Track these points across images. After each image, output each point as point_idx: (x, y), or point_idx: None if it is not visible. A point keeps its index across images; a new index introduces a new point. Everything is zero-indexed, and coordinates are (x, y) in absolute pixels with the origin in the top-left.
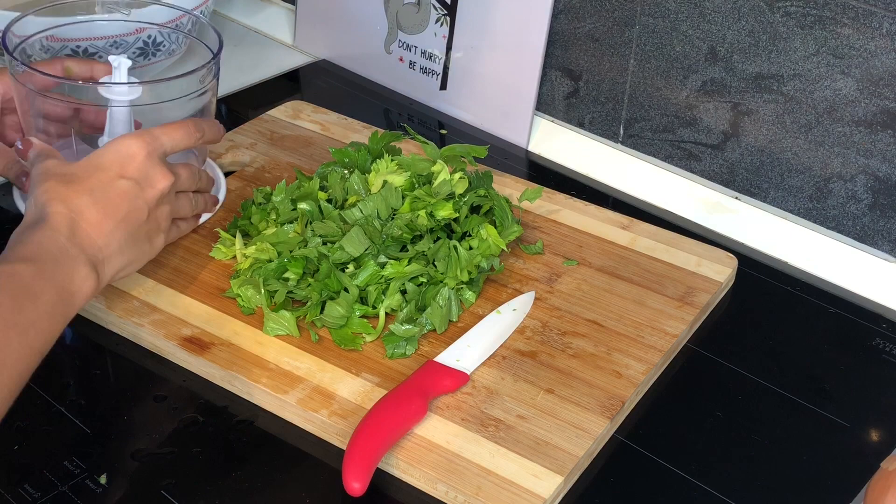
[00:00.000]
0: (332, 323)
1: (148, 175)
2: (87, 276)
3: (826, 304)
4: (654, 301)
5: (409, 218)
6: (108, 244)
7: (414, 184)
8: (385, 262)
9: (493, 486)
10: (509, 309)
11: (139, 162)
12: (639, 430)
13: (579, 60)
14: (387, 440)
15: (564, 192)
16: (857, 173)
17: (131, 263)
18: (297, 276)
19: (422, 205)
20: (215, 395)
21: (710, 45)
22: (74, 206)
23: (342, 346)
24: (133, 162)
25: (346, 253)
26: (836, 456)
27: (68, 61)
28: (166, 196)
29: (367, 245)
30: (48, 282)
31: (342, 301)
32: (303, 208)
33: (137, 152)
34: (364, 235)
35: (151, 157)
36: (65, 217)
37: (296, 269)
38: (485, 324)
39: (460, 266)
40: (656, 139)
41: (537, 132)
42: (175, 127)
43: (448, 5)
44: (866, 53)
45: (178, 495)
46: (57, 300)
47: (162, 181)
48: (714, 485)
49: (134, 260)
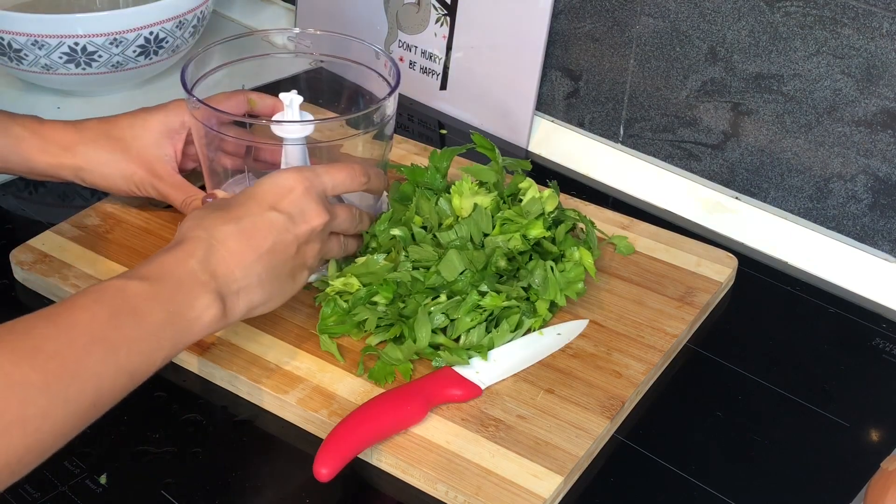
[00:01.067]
0: (385, 359)
1: (303, 210)
2: (210, 305)
3: (826, 304)
4: (654, 301)
5: (503, 244)
6: (247, 276)
7: (498, 203)
8: (486, 291)
9: (493, 486)
10: (553, 332)
11: (295, 196)
12: (639, 430)
13: (579, 60)
14: (371, 435)
15: (564, 192)
16: (857, 173)
17: (271, 300)
18: (387, 301)
19: (514, 227)
20: (215, 395)
21: (710, 45)
22: (216, 233)
23: (371, 378)
24: (289, 195)
25: (441, 277)
26: (836, 456)
27: (251, 94)
28: (318, 234)
29: (462, 269)
30: (160, 303)
31: (405, 348)
32: (397, 234)
33: (295, 186)
34: (459, 260)
35: (309, 192)
36: (202, 242)
37: (386, 294)
38: (520, 342)
39: (559, 288)
40: (656, 139)
41: (537, 132)
42: (340, 168)
43: (448, 5)
44: (866, 53)
45: (178, 495)
46: (166, 323)
47: (316, 219)
48: (714, 485)
49: (274, 296)
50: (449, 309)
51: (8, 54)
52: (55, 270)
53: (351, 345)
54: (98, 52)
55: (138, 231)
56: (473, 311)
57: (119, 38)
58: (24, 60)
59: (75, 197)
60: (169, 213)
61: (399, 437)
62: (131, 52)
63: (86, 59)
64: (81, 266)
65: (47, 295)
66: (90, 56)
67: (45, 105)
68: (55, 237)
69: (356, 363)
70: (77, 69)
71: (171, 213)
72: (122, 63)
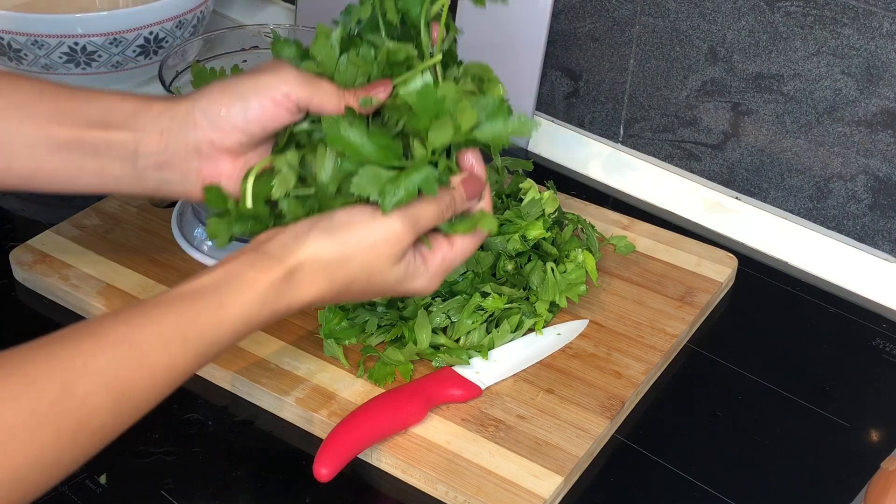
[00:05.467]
0: (385, 360)
1: (411, 275)
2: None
3: (826, 304)
4: (654, 301)
5: (501, 244)
6: (321, 300)
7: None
8: (488, 293)
9: (493, 486)
10: (553, 332)
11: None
12: (639, 430)
13: (579, 60)
14: (371, 435)
15: (564, 192)
16: (857, 173)
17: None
18: (385, 302)
19: (514, 228)
20: (215, 395)
21: (710, 45)
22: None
23: (371, 378)
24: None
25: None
26: (836, 456)
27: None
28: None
29: (464, 270)
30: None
31: (406, 350)
32: None
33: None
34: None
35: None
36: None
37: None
38: (521, 342)
39: (558, 290)
40: (656, 139)
41: (537, 132)
42: (433, 202)
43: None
44: (866, 53)
45: (178, 495)
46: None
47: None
48: (714, 485)
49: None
50: (450, 309)
51: (8, 54)
52: (55, 270)
53: (351, 345)
54: (98, 52)
55: (138, 231)
56: (475, 312)
57: (119, 38)
58: (24, 60)
59: (75, 197)
60: (169, 213)
61: (399, 437)
62: (131, 52)
63: (86, 59)
64: (81, 266)
65: (47, 295)
66: (90, 56)
67: None
68: (55, 237)
69: (356, 364)
70: (77, 69)
71: (171, 213)
72: (121, 63)
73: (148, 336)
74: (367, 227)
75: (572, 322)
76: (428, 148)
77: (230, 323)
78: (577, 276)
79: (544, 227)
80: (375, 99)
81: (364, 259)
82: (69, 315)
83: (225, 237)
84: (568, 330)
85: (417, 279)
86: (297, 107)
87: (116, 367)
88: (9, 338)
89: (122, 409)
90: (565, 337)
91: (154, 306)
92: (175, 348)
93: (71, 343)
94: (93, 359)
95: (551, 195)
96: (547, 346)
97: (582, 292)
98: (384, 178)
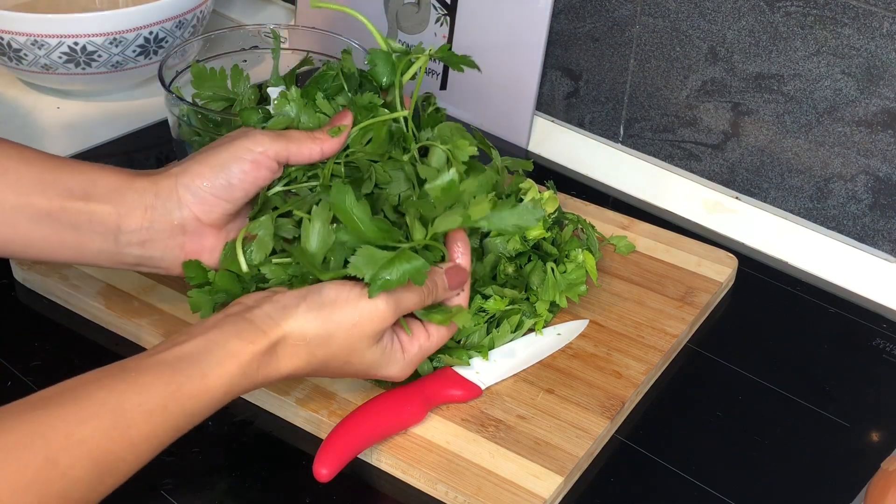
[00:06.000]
0: None
1: (389, 361)
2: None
3: (826, 304)
4: (654, 301)
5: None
6: (298, 374)
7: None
8: (490, 295)
9: (493, 486)
10: (553, 332)
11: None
12: (639, 430)
13: (579, 60)
14: (371, 435)
15: (564, 192)
16: (857, 173)
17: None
18: None
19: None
20: None
21: (710, 45)
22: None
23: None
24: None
25: None
26: (836, 456)
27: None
28: None
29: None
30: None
31: None
32: None
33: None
34: None
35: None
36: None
37: None
38: (521, 342)
39: (558, 290)
40: (656, 139)
41: (537, 132)
42: (416, 290)
43: (448, 5)
44: (866, 53)
45: (177, 495)
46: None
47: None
48: (714, 485)
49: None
50: None
51: (8, 54)
52: (55, 270)
53: None
54: (98, 51)
55: None
56: (476, 314)
57: (119, 38)
58: (24, 60)
59: None
60: None
61: (399, 437)
62: (131, 51)
63: (86, 59)
64: (81, 266)
65: (47, 295)
66: (90, 56)
67: (45, 105)
68: None
69: None
70: (77, 69)
71: None
72: (121, 63)
73: (131, 406)
74: (353, 306)
75: (572, 322)
76: (430, 232)
77: (211, 394)
78: (577, 276)
79: (544, 227)
80: (343, 126)
81: (345, 338)
82: (69, 315)
83: (208, 308)
84: (568, 330)
85: (393, 365)
86: (276, 162)
87: (99, 437)
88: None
89: (103, 480)
90: (565, 337)
91: (138, 373)
92: (157, 418)
93: (55, 410)
94: (76, 428)
95: (551, 195)
96: (547, 346)
97: (582, 292)
98: (379, 260)
